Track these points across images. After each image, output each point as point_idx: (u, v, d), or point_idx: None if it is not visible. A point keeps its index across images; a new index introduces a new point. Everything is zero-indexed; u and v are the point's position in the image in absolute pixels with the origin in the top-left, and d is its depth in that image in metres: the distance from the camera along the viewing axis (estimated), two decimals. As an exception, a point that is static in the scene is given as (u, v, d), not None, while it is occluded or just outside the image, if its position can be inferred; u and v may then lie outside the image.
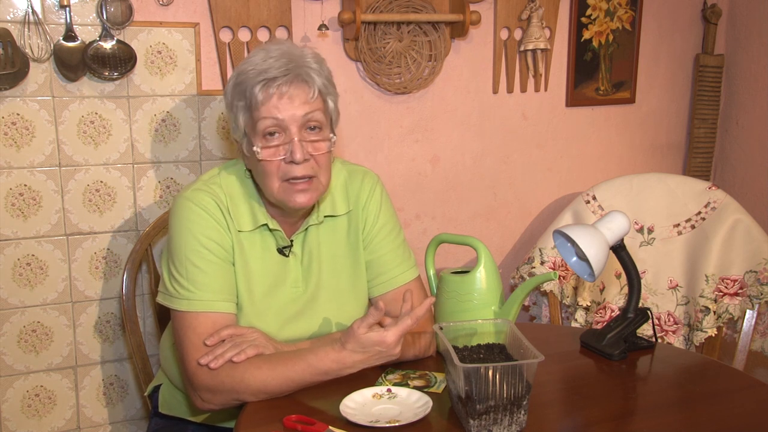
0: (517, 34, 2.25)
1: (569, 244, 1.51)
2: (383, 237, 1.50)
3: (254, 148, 1.33)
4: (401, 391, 1.27)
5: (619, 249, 1.51)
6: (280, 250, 1.44)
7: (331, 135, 1.38)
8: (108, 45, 1.79)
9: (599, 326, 2.07)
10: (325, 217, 1.47)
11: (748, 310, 1.99)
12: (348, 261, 1.49)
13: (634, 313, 1.52)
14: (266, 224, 1.41)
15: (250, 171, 1.42)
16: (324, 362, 1.26)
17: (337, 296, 1.47)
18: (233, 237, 1.39)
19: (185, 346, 1.34)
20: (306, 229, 1.46)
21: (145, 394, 1.70)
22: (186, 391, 1.40)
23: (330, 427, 1.16)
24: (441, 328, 1.27)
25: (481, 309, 1.44)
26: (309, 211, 1.46)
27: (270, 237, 1.44)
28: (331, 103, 1.39)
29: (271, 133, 1.32)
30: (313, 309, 1.45)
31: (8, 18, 1.72)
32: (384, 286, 1.49)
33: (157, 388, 1.63)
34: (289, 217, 1.44)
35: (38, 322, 1.87)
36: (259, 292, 1.41)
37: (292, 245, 1.45)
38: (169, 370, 1.57)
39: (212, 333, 1.33)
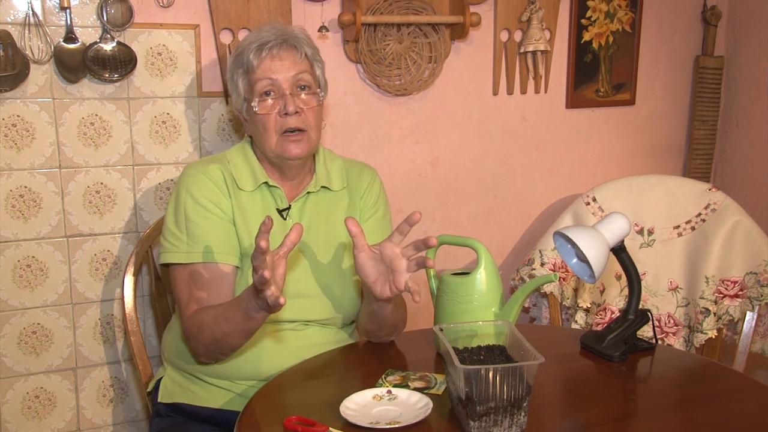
0: (517, 35, 2.25)
1: (569, 246, 1.51)
2: (377, 219, 1.64)
3: (252, 104, 1.50)
4: (401, 393, 1.27)
5: (619, 250, 1.51)
6: (280, 212, 1.55)
7: (321, 92, 1.55)
8: (108, 47, 1.79)
9: (599, 328, 2.07)
10: (321, 187, 1.59)
11: (748, 312, 1.99)
12: (345, 231, 1.55)
13: (635, 314, 1.52)
14: (266, 182, 1.54)
15: (251, 138, 1.59)
16: (241, 295, 1.30)
17: (335, 258, 1.57)
18: (233, 200, 1.52)
19: (179, 299, 1.47)
20: (306, 196, 1.58)
21: (148, 390, 1.70)
22: (188, 347, 1.50)
23: (330, 429, 1.16)
24: (441, 330, 1.27)
25: (481, 310, 1.44)
26: (308, 178, 1.60)
27: (270, 198, 1.56)
28: (318, 70, 1.57)
29: (267, 93, 1.50)
30: (310, 267, 1.54)
31: (9, 20, 1.72)
32: None
33: (158, 386, 1.64)
34: (288, 177, 1.57)
35: (38, 323, 1.87)
36: None
37: (290, 208, 1.56)
38: (170, 356, 1.61)
39: (209, 284, 1.44)
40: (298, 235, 1.25)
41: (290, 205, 1.57)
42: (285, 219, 1.56)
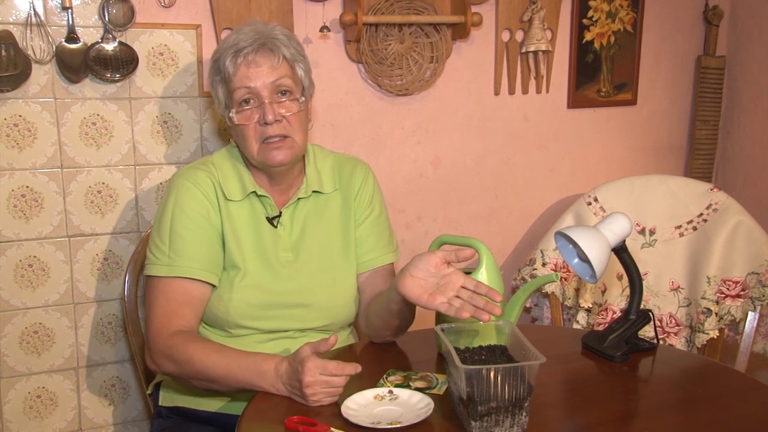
0: (519, 35, 2.25)
1: (571, 246, 1.51)
2: (373, 220, 1.61)
3: (230, 114, 1.47)
4: (403, 393, 1.27)
5: (620, 250, 1.50)
6: (270, 220, 1.52)
7: (301, 97, 1.49)
8: (110, 47, 1.79)
9: (601, 328, 2.07)
10: (313, 192, 1.56)
11: (750, 312, 1.99)
12: (340, 235, 1.57)
13: (636, 314, 1.51)
14: (254, 191, 1.50)
15: (237, 143, 1.54)
16: (262, 366, 1.30)
17: (330, 265, 1.55)
18: (222, 212, 1.49)
19: (154, 308, 1.43)
20: (296, 202, 1.54)
21: (148, 392, 1.70)
22: (145, 349, 1.47)
23: (331, 428, 1.16)
24: (443, 330, 1.27)
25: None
26: (298, 182, 1.56)
27: (260, 206, 1.53)
28: (300, 71, 1.51)
29: (246, 101, 1.46)
30: (304, 276, 1.51)
31: (10, 20, 1.72)
32: (365, 265, 1.59)
33: (158, 387, 1.64)
34: (277, 183, 1.54)
35: (40, 323, 1.87)
36: (250, 258, 1.49)
37: (280, 216, 1.53)
38: None
39: (188, 302, 1.43)
40: (332, 345, 1.27)
41: (281, 212, 1.53)
42: (276, 227, 1.52)
